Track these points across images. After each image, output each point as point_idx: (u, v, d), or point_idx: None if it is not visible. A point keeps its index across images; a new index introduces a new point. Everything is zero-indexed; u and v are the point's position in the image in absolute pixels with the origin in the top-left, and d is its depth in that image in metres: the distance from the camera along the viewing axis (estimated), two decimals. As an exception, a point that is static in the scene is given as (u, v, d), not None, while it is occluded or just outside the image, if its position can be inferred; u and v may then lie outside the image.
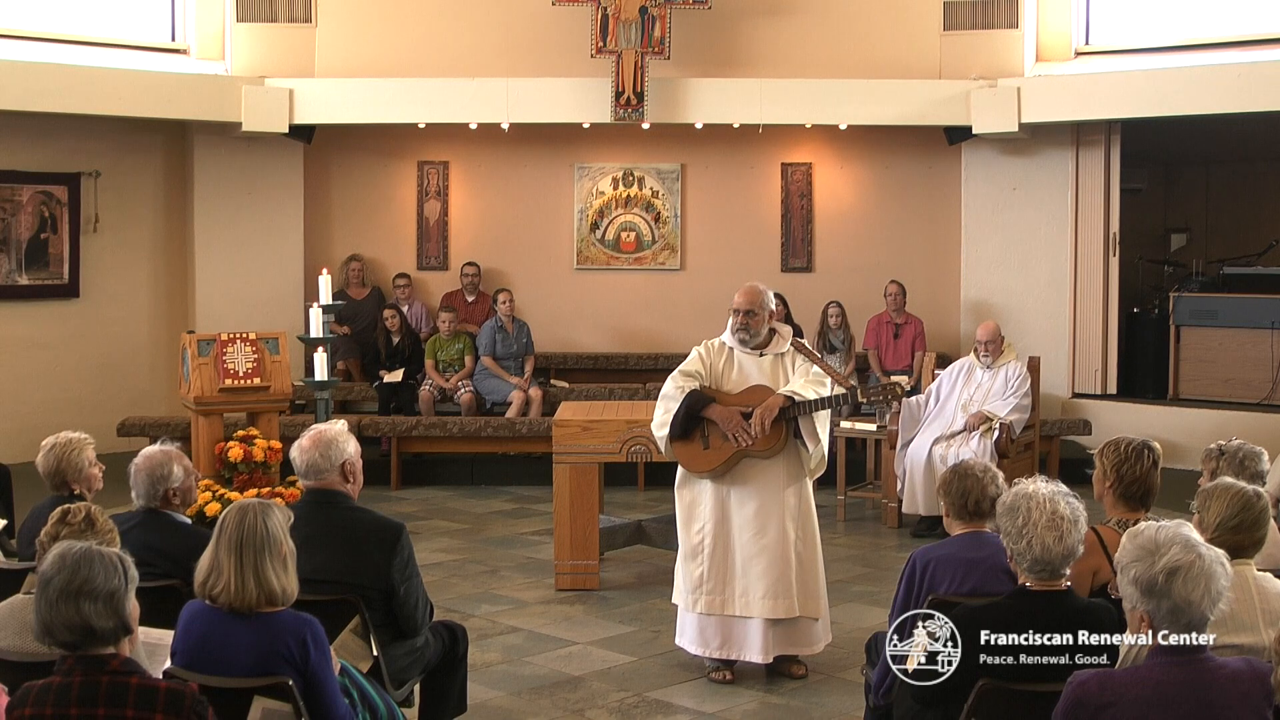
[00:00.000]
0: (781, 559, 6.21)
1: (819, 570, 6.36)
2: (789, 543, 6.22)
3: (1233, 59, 11.34)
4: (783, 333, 6.40)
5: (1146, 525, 3.35)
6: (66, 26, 11.59)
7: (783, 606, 6.22)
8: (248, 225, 12.46)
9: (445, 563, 8.67)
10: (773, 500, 6.23)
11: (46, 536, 4.17)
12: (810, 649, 6.36)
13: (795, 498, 6.26)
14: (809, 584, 6.29)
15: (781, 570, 6.21)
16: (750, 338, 6.31)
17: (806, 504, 6.34)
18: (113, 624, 3.31)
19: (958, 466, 4.74)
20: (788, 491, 6.25)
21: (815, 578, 6.33)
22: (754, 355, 6.32)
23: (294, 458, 4.86)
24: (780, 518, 6.23)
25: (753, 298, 6.28)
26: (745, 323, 6.27)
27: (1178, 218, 14.13)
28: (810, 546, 6.32)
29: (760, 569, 6.21)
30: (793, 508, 6.25)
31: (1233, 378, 11.68)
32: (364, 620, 4.59)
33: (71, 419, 8.34)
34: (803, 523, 6.29)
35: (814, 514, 6.40)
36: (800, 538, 6.26)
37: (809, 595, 6.28)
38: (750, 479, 6.25)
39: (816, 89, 11.98)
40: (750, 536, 6.24)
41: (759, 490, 6.23)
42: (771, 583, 6.20)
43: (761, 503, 6.23)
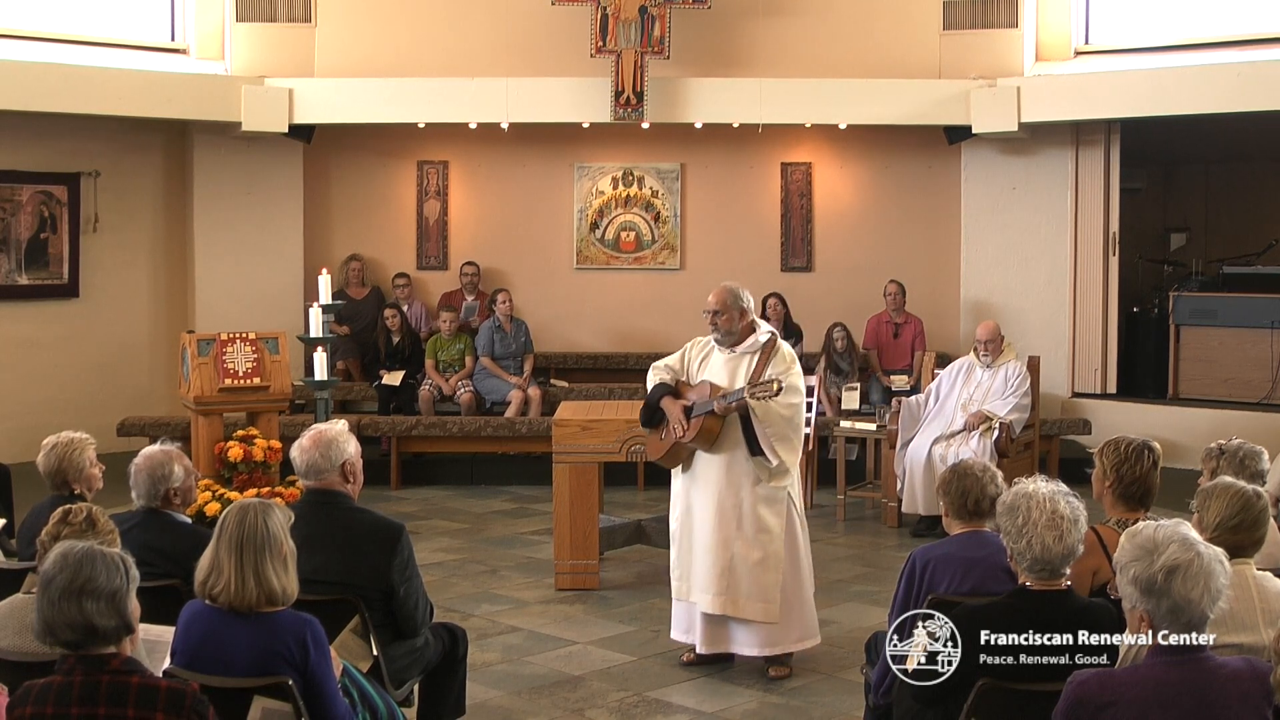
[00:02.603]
0: (720, 556, 6.28)
1: (774, 573, 6.28)
2: (730, 541, 6.27)
3: (1232, 59, 11.34)
4: (759, 332, 6.42)
5: (1145, 525, 3.35)
6: (66, 26, 11.60)
7: (717, 602, 6.28)
8: (247, 225, 12.46)
9: (445, 562, 8.67)
10: (727, 497, 6.29)
11: (47, 536, 4.16)
12: (764, 648, 6.32)
13: (751, 498, 6.27)
14: (758, 586, 6.26)
15: (720, 567, 6.27)
16: (723, 336, 6.40)
17: (771, 506, 6.29)
18: (115, 623, 3.31)
19: (957, 466, 4.73)
20: (744, 491, 6.27)
21: (764, 580, 6.28)
22: (726, 353, 6.40)
23: (294, 457, 4.86)
24: (730, 516, 6.28)
25: (720, 297, 6.38)
26: (714, 322, 6.38)
27: (1177, 217, 14.13)
28: (766, 549, 6.27)
29: (703, 562, 6.34)
30: (746, 507, 6.27)
31: (1232, 377, 11.68)
32: (364, 620, 4.59)
33: (71, 419, 8.34)
34: (759, 524, 6.27)
35: (782, 518, 6.32)
36: (751, 539, 6.25)
37: (754, 597, 6.26)
38: (708, 475, 6.35)
39: (816, 89, 11.98)
40: (699, 529, 6.38)
41: (714, 486, 6.32)
42: (708, 577, 6.31)
43: (714, 498, 6.32)
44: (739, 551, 6.27)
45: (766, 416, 6.12)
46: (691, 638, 6.49)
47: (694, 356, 6.55)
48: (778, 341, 6.41)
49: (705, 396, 6.27)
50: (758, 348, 6.36)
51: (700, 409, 6.24)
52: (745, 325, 6.40)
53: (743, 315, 6.38)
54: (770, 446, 6.16)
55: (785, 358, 6.33)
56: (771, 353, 6.32)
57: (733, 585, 6.28)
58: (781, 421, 6.18)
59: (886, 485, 9.92)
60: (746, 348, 6.38)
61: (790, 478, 6.33)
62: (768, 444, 6.15)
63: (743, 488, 6.28)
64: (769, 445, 6.15)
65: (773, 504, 6.31)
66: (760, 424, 6.14)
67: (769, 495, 6.30)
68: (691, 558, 6.42)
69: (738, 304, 6.37)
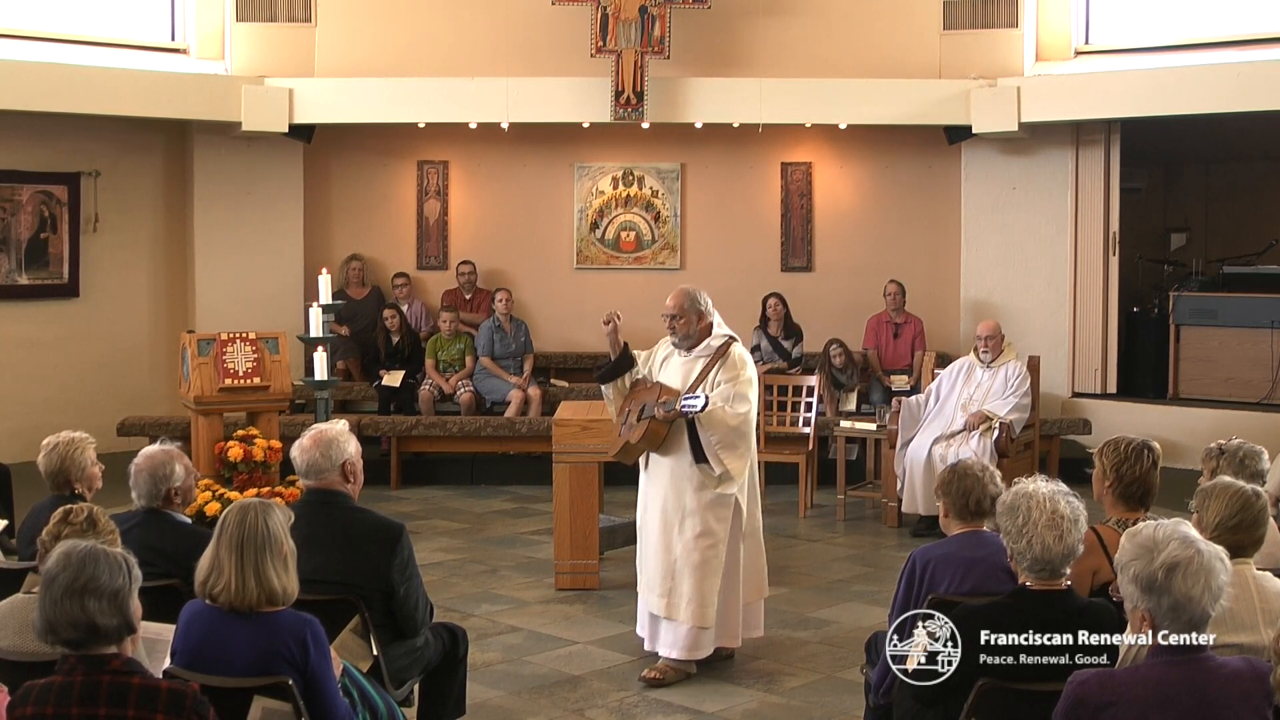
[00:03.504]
0: (664, 559, 6.30)
1: (713, 578, 6.25)
2: (672, 545, 6.27)
3: (1232, 58, 11.33)
4: (714, 336, 6.35)
5: (1145, 524, 3.35)
6: (66, 26, 11.59)
7: (661, 604, 6.32)
8: (248, 225, 12.45)
9: (445, 562, 8.67)
10: (671, 500, 6.29)
11: (48, 536, 4.16)
12: (688, 653, 6.30)
13: (695, 502, 6.23)
14: (698, 590, 6.23)
15: (664, 569, 6.30)
16: (680, 339, 6.38)
17: (715, 511, 6.25)
18: (117, 622, 3.31)
19: (956, 466, 4.72)
20: (688, 495, 6.24)
21: (703, 585, 6.24)
22: (683, 355, 6.39)
23: (294, 457, 4.86)
24: (673, 519, 6.28)
25: (678, 301, 6.35)
26: (672, 325, 6.35)
27: (1177, 217, 14.13)
28: (705, 554, 6.23)
29: (650, 563, 6.39)
30: (689, 510, 6.24)
31: (1232, 377, 11.67)
32: (364, 620, 4.59)
33: (71, 419, 8.34)
34: (701, 529, 6.23)
35: (726, 523, 6.27)
36: (691, 543, 6.23)
37: (693, 600, 6.24)
38: (659, 476, 6.37)
39: (816, 88, 11.98)
40: (649, 529, 6.42)
41: (661, 488, 6.34)
42: (654, 577, 6.36)
43: (660, 500, 6.34)
44: (680, 554, 6.26)
45: (711, 423, 6.08)
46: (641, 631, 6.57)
47: (659, 355, 6.54)
48: (732, 346, 6.31)
49: (654, 399, 6.24)
50: (710, 352, 6.31)
51: (647, 411, 6.22)
52: (703, 328, 6.35)
53: (700, 318, 6.34)
54: (715, 454, 6.12)
55: (736, 363, 6.25)
56: (722, 357, 6.26)
57: (674, 588, 6.28)
58: (727, 429, 6.12)
59: (886, 485, 9.92)
60: (700, 351, 6.33)
61: (738, 484, 6.26)
62: (712, 452, 6.12)
63: (687, 492, 6.25)
64: (713, 453, 6.12)
65: (718, 509, 6.26)
66: (705, 431, 6.11)
67: (714, 500, 6.23)
68: (645, 556, 6.48)
69: (695, 307, 6.33)
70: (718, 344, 6.32)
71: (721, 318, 6.44)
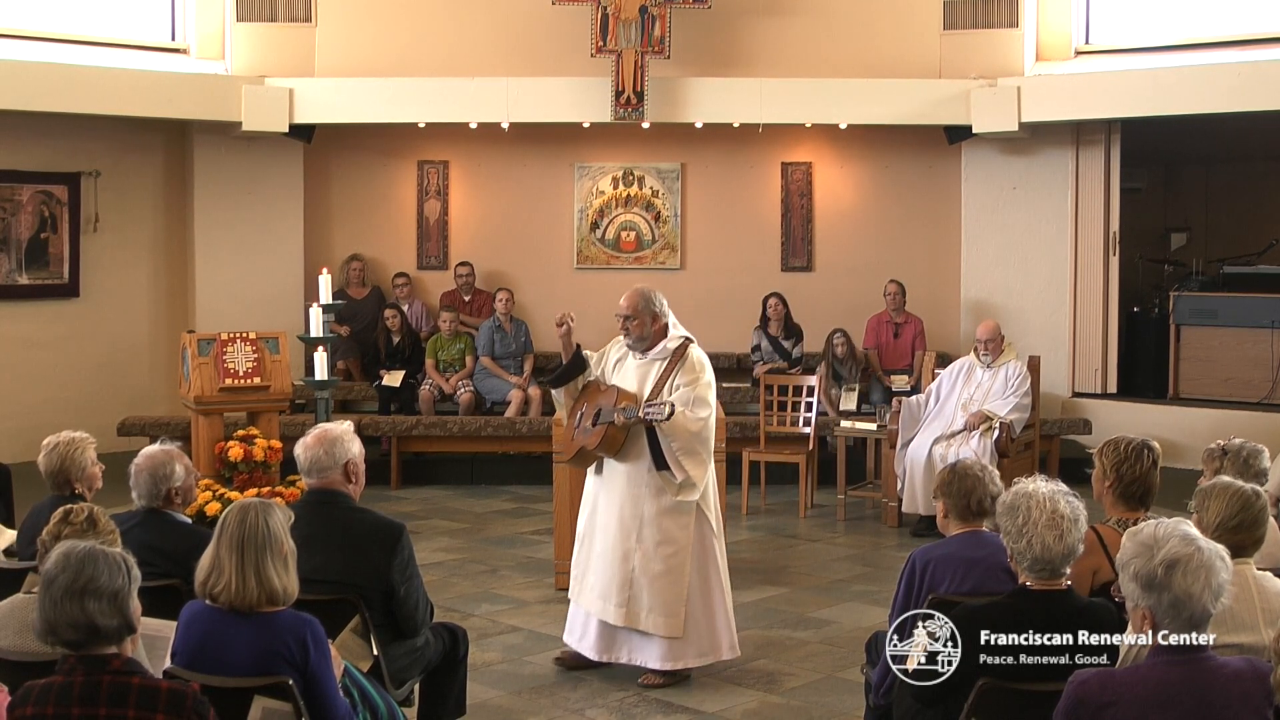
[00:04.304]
0: (621, 568, 6.17)
1: (677, 587, 6.14)
2: (630, 554, 6.15)
3: (1232, 58, 11.33)
4: (670, 338, 6.25)
5: (1146, 524, 3.35)
6: (66, 26, 11.58)
7: (619, 614, 6.16)
8: (248, 225, 12.44)
9: (445, 562, 8.67)
10: (628, 507, 6.16)
11: (49, 536, 4.15)
12: (664, 663, 6.19)
13: (654, 509, 6.13)
14: (660, 599, 6.13)
15: (621, 579, 6.16)
16: (634, 341, 6.26)
17: (675, 518, 6.14)
18: (117, 622, 3.31)
19: (956, 466, 4.70)
20: (646, 502, 6.14)
21: (667, 594, 6.13)
22: (638, 358, 6.27)
23: (298, 454, 4.86)
24: (630, 527, 6.16)
25: (632, 301, 6.22)
26: (626, 327, 6.24)
27: (1178, 217, 14.13)
28: (668, 562, 6.13)
29: (602, 573, 6.23)
30: (647, 518, 6.13)
31: (1233, 377, 11.67)
32: (364, 620, 4.59)
33: (71, 419, 8.33)
34: (661, 536, 6.14)
35: (688, 530, 6.16)
36: (652, 552, 6.13)
37: (656, 611, 6.14)
38: (614, 482, 6.24)
39: (816, 88, 11.97)
40: (600, 536, 6.27)
41: (617, 495, 6.21)
42: (608, 587, 6.20)
43: (616, 508, 6.20)
44: (639, 564, 6.14)
45: (672, 430, 5.96)
46: (578, 643, 6.36)
47: (612, 357, 6.41)
48: (689, 348, 6.18)
49: (611, 403, 6.11)
50: (667, 354, 6.20)
51: (604, 417, 6.09)
52: (658, 330, 6.22)
53: (655, 320, 6.20)
54: (676, 461, 6.00)
55: (694, 366, 6.13)
56: (680, 360, 6.15)
57: (634, 597, 6.14)
58: (688, 435, 6.00)
59: (887, 485, 9.92)
60: (657, 354, 6.21)
61: (699, 491, 6.12)
62: (673, 459, 6.00)
63: (644, 499, 6.13)
64: (674, 460, 6.00)
65: (677, 515, 6.13)
66: (665, 438, 5.98)
67: (673, 506, 6.10)
68: (589, 563, 6.31)
69: (649, 308, 6.19)
70: (674, 346, 6.20)
71: (677, 318, 6.32)
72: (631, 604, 6.15)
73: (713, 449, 6.21)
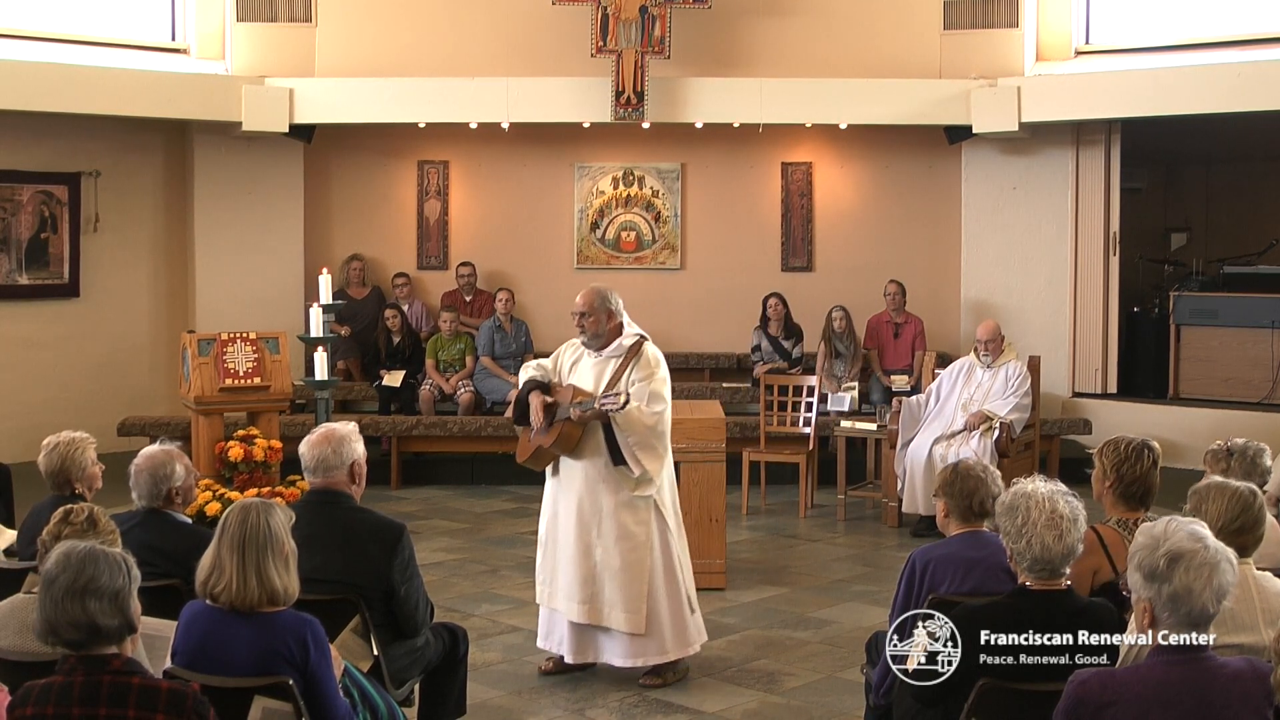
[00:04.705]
0: (582, 564, 6.19)
1: (637, 583, 6.15)
2: (591, 549, 6.18)
3: (1233, 58, 11.33)
4: (625, 335, 6.27)
5: (1161, 520, 3.34)
6: (66, 26, 11.58)
7: (582, 610, 6.18)
8: (248, 225, 12.44)
9: (446, 562, 8.67)
10: (587, 503, 6.18)
11: (49, 536, 4.15)
12: (630, 659, 6.21)
13: (612, 504, 6.15)
14: (622, 595, 6.15)
15: (583, 575, 6.18)
16: (590, 339, 6.29)
17: (633, 512, 6.17)
18: (118, 622, 3.31)
19: (957, 466, 4.69)
20: (604, 497, 6.16)
21: (628, 590, 6.15)
22: (594, 356, 6.29)
23: (303, 452, 4.85)
24: (590, 522, 6.18)
25: (587, 299, 6.25)
26: (581, 324, 6.26)
27: (1178, 217, 14.13)
28: (627, 557, 6.15)
29: (566, 571, 6.25)
30: (606, 513, 6.16)
31: (1233, 377, 11.67)
32: (364, 620, 4.59)
33: (72, 419, 8.33)
34: (620, 531, 6.16)
35: (647, 525, 6.18)
36: (611, 547, 6.15)
37: (618, 606, 6.16)
38: (571, 480, 6.26)
39: (817, 88, 11.97)
40: (562, 535, 6.29)
41: (575, 492, 6.22)
42: (571, 585, 6.22)
43: (575, 504, 6.22)
44: (600, 559, 6.17)
45: (628, 424, 6.00)
46: (554, 646, 6.37)
47: (565, 359, 6.43)
48: (644, 345, 6.22)
49: (567, 401, 6.14)
50: (622, 351, 6.23)
51: (560, 414, 6.12)
52: (613, 328, 6.25)
53: (610, 317, 6.23)
54: (633, 455, 6.04)
55: (649, 362, 6.17)
56: (635, 356, 6.19)
57: (596, 594, 6.16)
58: (644, 430, 6.04)
59: (887, 485, 9.91)
60: (612, 351, 6.24)
61: (656, 485, 6.17)
62: (630, 453, 6.04)
63: (602, 494, 6.16)
64: (631, 454, 6.04)
65: (635, 510, 6.16)
66: (622, 432, 6.02)
67: (631, 501, 6.14)
68: (556, 564, 6.32)
69: (605, 306, 6.23)
70: (629, 343, 6.23)
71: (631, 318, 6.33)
72: (595, 600, 6.18)
73: (669, 443, 6.28)
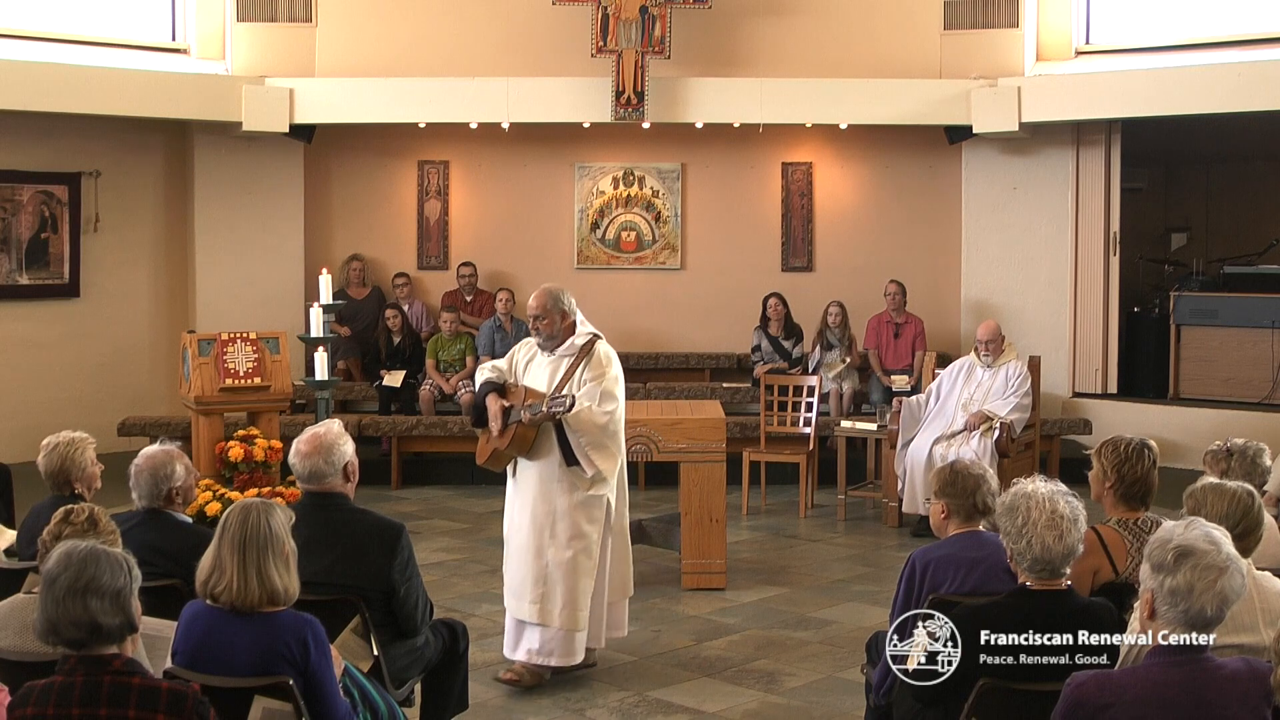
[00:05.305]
0: (535, 564, 6.19)
1: (586, 581, 6.19)
2: (543, 549, 6.18)
3: (1233, 58, 11.31)
4: (577, 335, 6.29)
5: (1186, 519, 3.34)
6: (66, 26, 11.58)
7: (532, 610, 6.18)
8: (248, 225, 12.43)
9: (446, 562, 8.66)
10: (540, 504, 6.20)
11: (49, 536, 4.15)
12: (563, 659, 6.21)
13: (566, 504, 6.16)
14: (563, 594, 6.15)
15: (535, 575, 6.19)
16: (544, 340, 6.31)
17: (587, 512, 6.19)
18: (119, 621, 3.31)
19: (956, 466, 4.66)
20: (559, 498, 6.17)
21: (571, 589, 6.16)
22: (547, 355, 6.31)
23: (293, 464, 4.83)
24: (543, 523, 6.19)
25: (541, 300, 6.28)
26: (535, 326, 6.30)
27: (1178, 217, 14.13)
28: (577, 558, 6.16)
29: (517, 571, 6.27)
30: (560, 513, 6.17)
31: (1233, 377, 11.65)
32: (364, 620, 4.58)
33: (72, 419, 8.32)
34: (573, 531, 6.17)
35: (599, 525, 6.22)
36: (564, 547, 6.15)
37: (558, 604, 6.16)
38: (527, 480, 6.27)
39: (817, 88, 11.96)
40: (518, 535, 6.30)
41: (530, 493, 6.24)
42: (518, 581, 6.25)
43: (529, 505, 6.24)
44: (552, 558, 6.18)
45: (579, 425, 6.03)
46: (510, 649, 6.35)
47: (521, 359, 6.44)
48: (596, 344, 6.26)
49: (519, 403, 6.16)
50: (575, 350, 6.25)
51: (513, 416, 6.13)
52: (566, 328, 6.28)
53: (563, 318, 6.27)
54: (585, 455, 6.07)
55: (601, 361, 6.20)
56: (586, 356, 6.22)
57: (547, 594, 6.17)
58: (596, 430, 6.07)
59: (887, 485, 9.90)
60: (564, 350, 6.27)
61: (610, 485, 6.21)
62: (582, 453, 6.06)
63: (557, 495, 6.18)
64: (583, 454, 6.06)
65: (589, 510, 6.20)
66: (573, 433, 6.04)
67: (585, 501, 6.18)
68: (509, 563, 6.36)
69: (558, 306, 6.26)
70: (581, 342, 6.26)
71: (584, 316, 6.36)
72: (545, 600, 6.18)
73: (621, 442, 6.30)
